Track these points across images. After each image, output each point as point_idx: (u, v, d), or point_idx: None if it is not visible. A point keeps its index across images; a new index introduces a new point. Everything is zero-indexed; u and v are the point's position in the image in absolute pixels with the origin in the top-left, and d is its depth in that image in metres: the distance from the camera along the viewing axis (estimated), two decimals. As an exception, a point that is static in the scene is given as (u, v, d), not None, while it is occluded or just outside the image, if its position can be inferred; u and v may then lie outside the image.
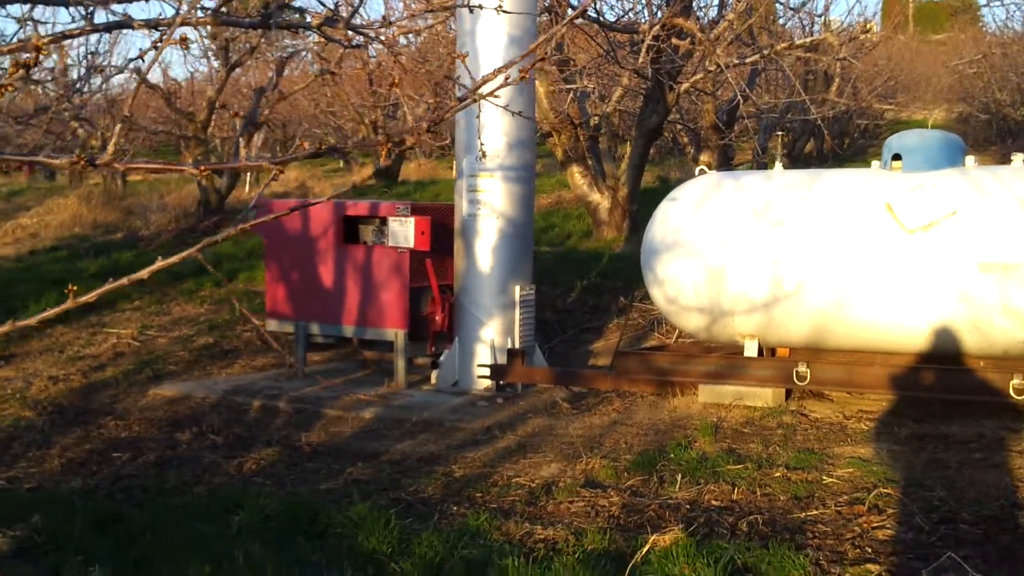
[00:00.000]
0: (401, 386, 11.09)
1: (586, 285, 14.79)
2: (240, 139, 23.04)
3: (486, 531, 6.55)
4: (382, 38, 5.70)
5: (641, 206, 18.03)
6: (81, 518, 7.23)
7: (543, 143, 18.70)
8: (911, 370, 8.68)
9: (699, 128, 24.23)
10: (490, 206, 10.84)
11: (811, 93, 22.58)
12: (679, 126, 25.76)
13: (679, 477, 7.38)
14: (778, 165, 9.83)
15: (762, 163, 22.22)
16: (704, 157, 24.06)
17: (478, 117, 10.19)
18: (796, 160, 27.42)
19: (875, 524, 6.31)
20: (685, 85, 16.83)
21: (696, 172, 9.88)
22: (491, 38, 10.51)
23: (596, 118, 19.52)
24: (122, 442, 9.52)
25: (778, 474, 7.34)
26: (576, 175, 17.82)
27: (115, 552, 6.64)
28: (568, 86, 18.03)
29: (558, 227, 19.00)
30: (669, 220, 9.68)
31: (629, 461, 7.85)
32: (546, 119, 17.41)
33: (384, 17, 5.06)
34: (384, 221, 11.18)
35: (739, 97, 15.93)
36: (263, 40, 21.96)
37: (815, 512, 6.59)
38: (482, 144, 10.35)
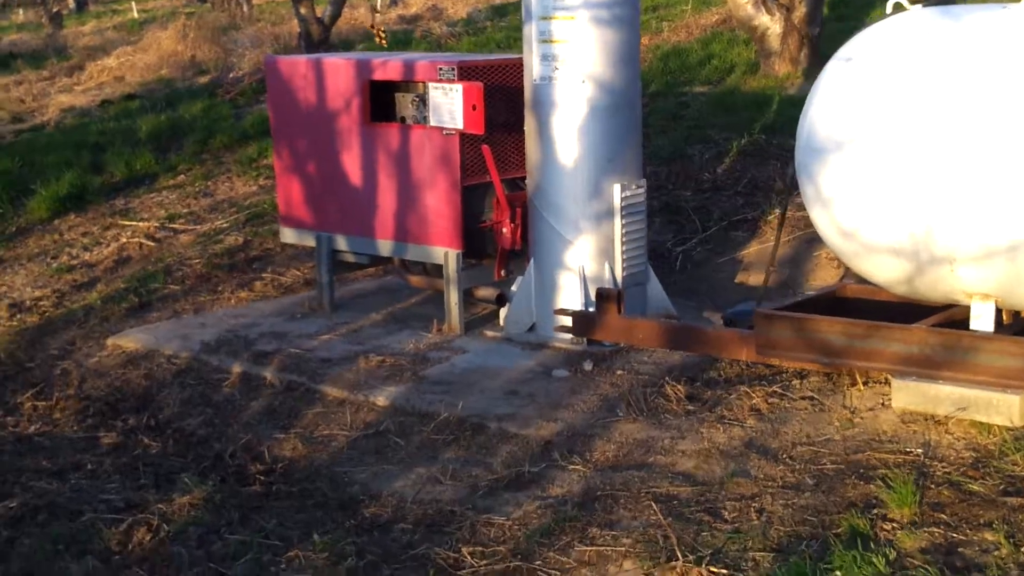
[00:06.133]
0: (455, 331, 7.68)
1: (744, 146, 10.98)
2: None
3: None
4: None
5: (826, 29, 13.93)
6: None
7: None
8: None
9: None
10: (573, 64, 7.14)
11: None
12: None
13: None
14: (1033, -7, 5.78)
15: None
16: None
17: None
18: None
19: None
20: None
21: (888, 7, 5.91)
22: None
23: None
24: (8, 454, 6.40)
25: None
26: (738, -9, 13.76)
27: None
28: None
29: (718, 57, 14.93)
30: (840, 98, 5.80)
31: (760, 571, 4.31)
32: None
33: None
34: (425, 88, 7.63)
35: None
36: None
37: None
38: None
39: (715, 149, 11.14)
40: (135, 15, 32.38)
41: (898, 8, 5.81)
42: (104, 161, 13.10)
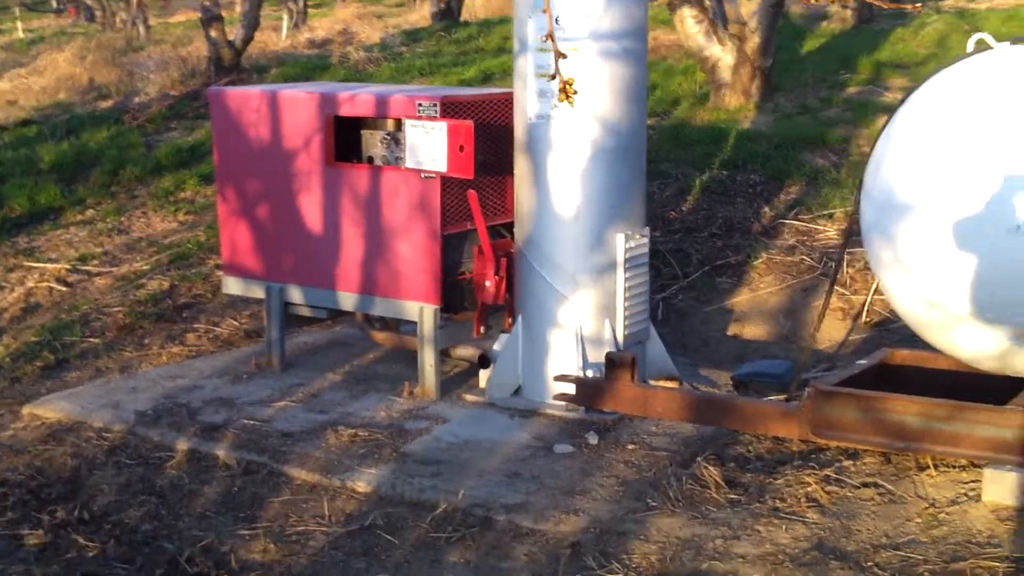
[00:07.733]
0: (430, 395, 6.75)
1: (706, 182, 10.24)
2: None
3: None
4: None
5: (779, 61, 13.32)
6: None
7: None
8: None
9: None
10: (576, 101, 6.27)
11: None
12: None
13: None
14: None
15: None
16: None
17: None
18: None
19: None
20: None
21: (969, 44, 5.15)
22: None
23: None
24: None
25: None
26: (688, 21, 13.05)
27: None
28: None
29: (660, 88, 14.22)
30: (927, 147, 5.00)
31: None
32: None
33: None
34: (400, 125, 6.70)
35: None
36: None
37: None
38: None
39: (675, 185, 10.41)
40: (21, 35, 30.80)
41: (981, 45, 5.04)
42: (3, 193, 11.89)
